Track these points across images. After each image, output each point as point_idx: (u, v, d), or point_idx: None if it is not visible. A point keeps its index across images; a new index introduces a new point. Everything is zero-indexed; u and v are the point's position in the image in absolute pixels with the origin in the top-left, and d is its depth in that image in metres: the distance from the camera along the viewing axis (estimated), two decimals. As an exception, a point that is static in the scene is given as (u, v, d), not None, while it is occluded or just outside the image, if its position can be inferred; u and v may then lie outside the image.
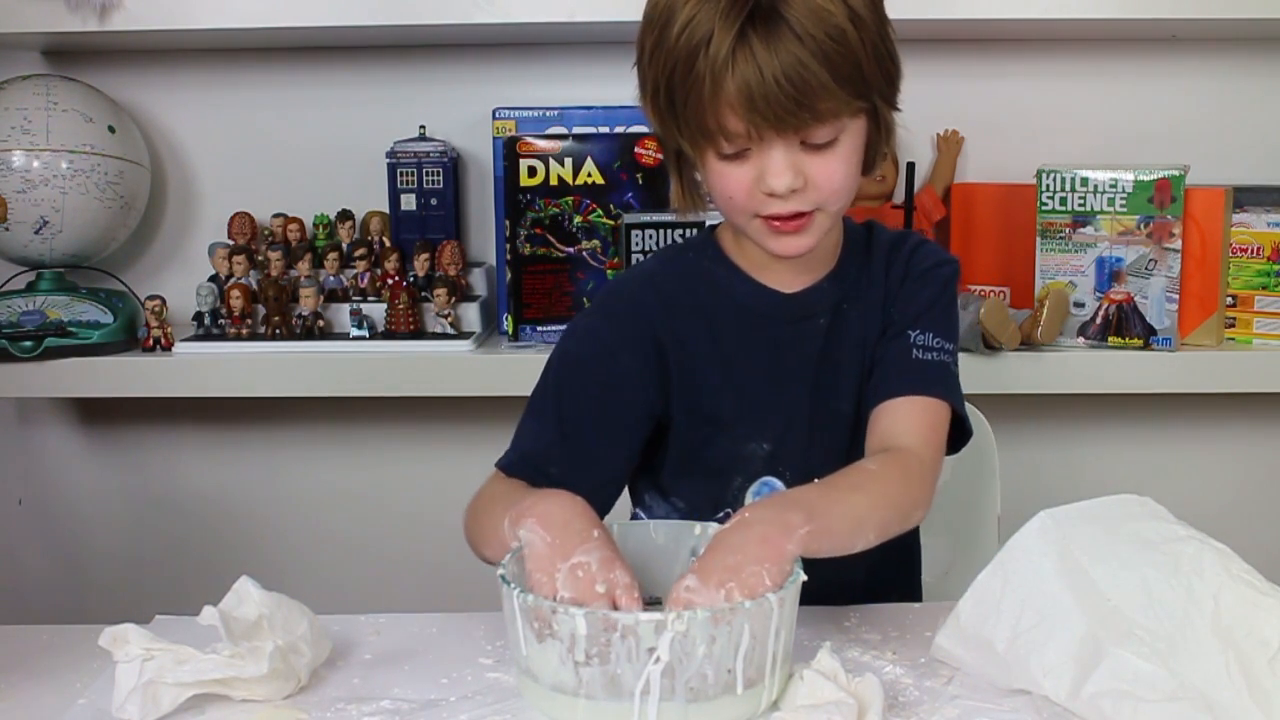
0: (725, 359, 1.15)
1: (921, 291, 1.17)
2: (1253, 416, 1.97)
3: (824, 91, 1.00)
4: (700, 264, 1.18)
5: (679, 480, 1.19)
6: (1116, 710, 0.86)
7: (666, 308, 1.16)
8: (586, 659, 0.85)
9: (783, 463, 1.16)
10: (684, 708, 0.85)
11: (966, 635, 0.96)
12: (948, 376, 1.15)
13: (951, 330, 1.17)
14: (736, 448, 1.16)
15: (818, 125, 1.02)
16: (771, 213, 1.06)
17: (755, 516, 0.94)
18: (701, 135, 1.04)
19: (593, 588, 0.89)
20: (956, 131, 1.92)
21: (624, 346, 1.14)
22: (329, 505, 2.00)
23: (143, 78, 1.92)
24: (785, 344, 1.16)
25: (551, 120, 1.79)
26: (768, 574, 0.89)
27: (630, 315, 1.16)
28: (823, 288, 1.17)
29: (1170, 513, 0.99)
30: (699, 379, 1.15)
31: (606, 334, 1.16)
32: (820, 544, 0.94)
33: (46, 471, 2.03)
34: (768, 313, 1.16)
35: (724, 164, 1.05)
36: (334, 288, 1.81)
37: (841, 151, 1.05)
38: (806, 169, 1.04)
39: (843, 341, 1.17)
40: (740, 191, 1.06)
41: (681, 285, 1.17)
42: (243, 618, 0.95)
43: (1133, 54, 1.90)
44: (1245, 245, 1.75)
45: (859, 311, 1.17)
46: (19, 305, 1.76)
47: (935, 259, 1.19)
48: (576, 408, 1.14)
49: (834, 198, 1.07)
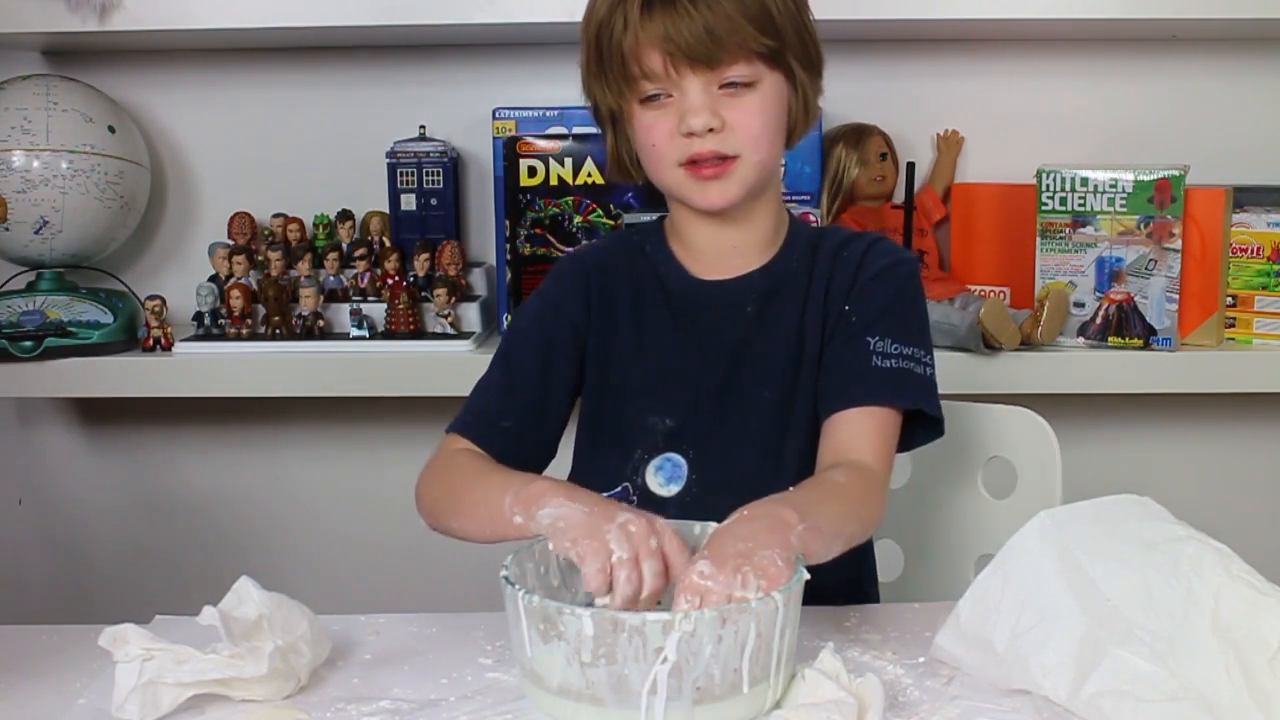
0: (640, 330, 1.20)
1: (878, 293, 1.17)
2: (1253, 416, 1.97)
3: (731, 24, 1.08)
4: (642, 246, 1.24)
5: (586, 450, 1.23)
6: (1116, 710, 0.86)
7: (601, 273, 1.23)
8: (593, 660, 0.85)
9: (686, 440, 1.18)
10: (691, 708, 0.85)
11: (966, 635, 0.96)
12: (907, 382, 1.15)
13: (914, 331, 1.17)
14: (639, 419, 1.19)
15: (729, 61, 1.09)
16: (693, 154, 1.11)
17: (755, 512, 0.95)
18: (625, 83, 1.12)
19: (647, 542, 0.90)
20: (956, 131, 1.92)
21: (566, 300, 1.22)
22: (329, 505, 2.00)
23: (143, 78, 1.92)
24: (704, 327, 1.20)
25: (551, 120, 1.80)
26: (779, 558, 0.89)
27: (573, 275, 1.24)
28: (752, 279, 1.20)
29: (1170, 513, 0.99)
30: (611, 345, 1.21)
31: (553, 291, 1.24)
32: (812, 543, 0.94)
33: (46, 471, 2.03)
34: (691, 298, 1.21)
35: (647, 112, 1.13)
36: (334, 288, 1.81)
37: (758, 100, 1.12)
38: (724, 112, 1.10)
39: (772, 331, 1.19)
40: (662, 137, 1.12)
41: (620, 258, 1.24)
42: (243, 618, 0.95)
43: (1133, 54, 1.90)
44: (1245, 245, 1.75)
45: (795, 304, 1.19)
46: (19, 305, 1.76)
47: (891, 258, 1.20)
48: (523, 360, 1.20)
49: (752, 145, 1.12)
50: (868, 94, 1.90)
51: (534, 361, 1.20)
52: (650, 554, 0.90)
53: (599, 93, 1.16)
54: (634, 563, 0.90)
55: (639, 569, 0.90)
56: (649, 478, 1.18)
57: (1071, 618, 0.91)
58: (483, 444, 1.16)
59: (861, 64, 1.90)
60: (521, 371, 1.20)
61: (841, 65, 1.89)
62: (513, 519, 0.99)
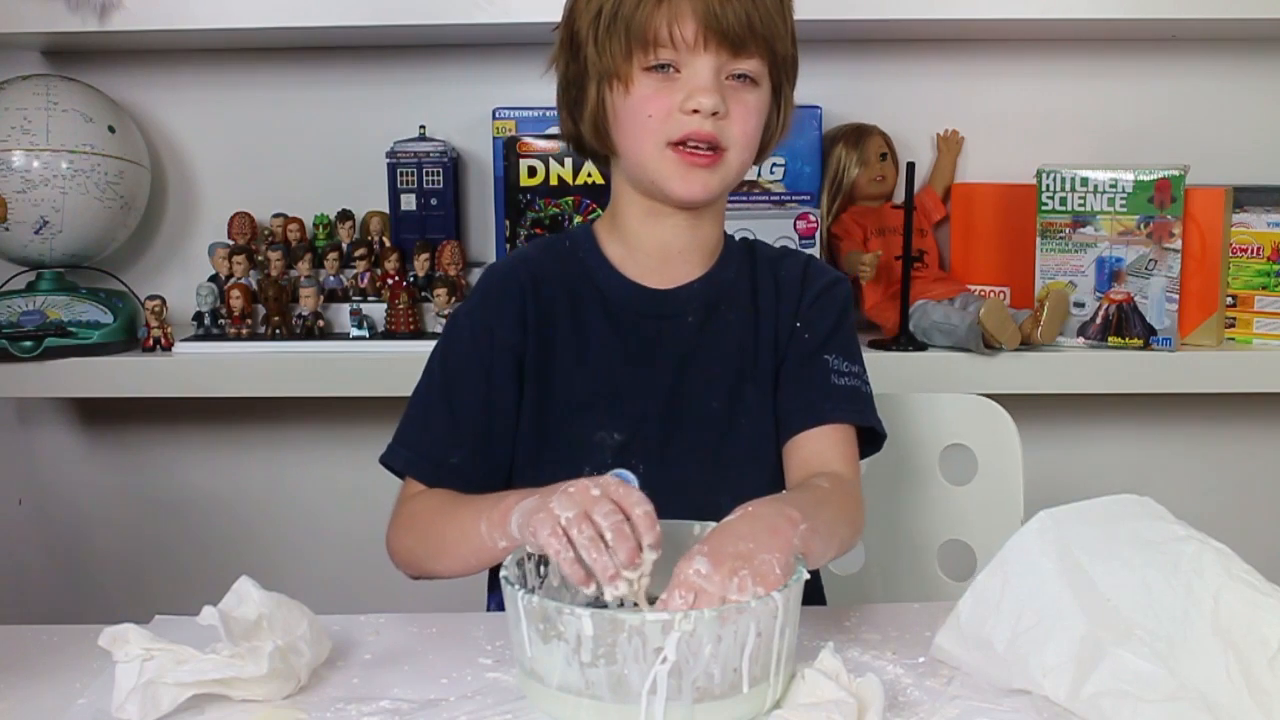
0: (583, 344, 1.17)
1: (825, 312, 1.20)
2: (1253, 416, 1.97)
3: (768, 18, 1.09)
4: (574, 253, 1.21)
5: (530, 469, 1.17)
6: (1116, 710, 0.86)
7: (534, 286, 1.18)
8: (593, 660, 0.85)
9: (635, 455, 1.15)
10: (690, 707, 0.85)
11: (966, 635, 0.96)
12: (861, 398, 1.18)
13: (855, 350, 1.21)
14: (586, 434, 1.16)
15: (752, 52, 1.10)
16: (689, 133, 1.09)
17: (758, 510, 0.94)
18: (639, 45, 1.09)
19: (588, 493, 0.90)
20: (956, 131, 1.92)
21: (499, 322, 1.17)
22: (329, 505, 2.00)
23: (143, 78, 1.92)
24: (648, 338, 1.17)
25: (551, 120, 1.78)
26: (777, 563, 0.89)
27: (502, 293, 1.18)
28: (693, 288, 1.19)
29: (1170, 513, 0.99)
30: (554, 360, 1.17)
31: (482, 314, 1.18)
32: (813, 545, 0.94)
33: (46, 471, 2.03)
34: (632, 305, 1.18)
35: (650, 80, 1.10)
36: (334, 288, 1.81)
37: (757, 100, 1.12)
38: (727, 101, 1.10)
39: (716, 342, 1.18)
40: (661, 110, 1.09)
41: (552, 269, 1.19)
42: (243, 618, 0.95)
43: (1133, 54, 1.90)
44: (1245, 245, 1.75)
45: (739, 316, 1.19)
46: (19, 305, 1.76)
47: (829, 276, 1.23)
48: (464, 390, 1.16)
49: (745, 141, 1.12)
50: (868, 94, 1.90)
51: (475, 393, 1.16)
52: (593, 501, 0.90)
53: (595, 52, 1.11)
54: (582, 517, 0.89)
55: (590, 520, 0.89)
56: None
57: (1071, 618, 0.91)
58: (434, 484, 1.14)
59: (861, 64, 1.90)
60: (464, 407, 1.16)
61: (841, 65, 1.91)
62: (497, 545, 0.99)
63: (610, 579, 0.89)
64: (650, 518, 0.90)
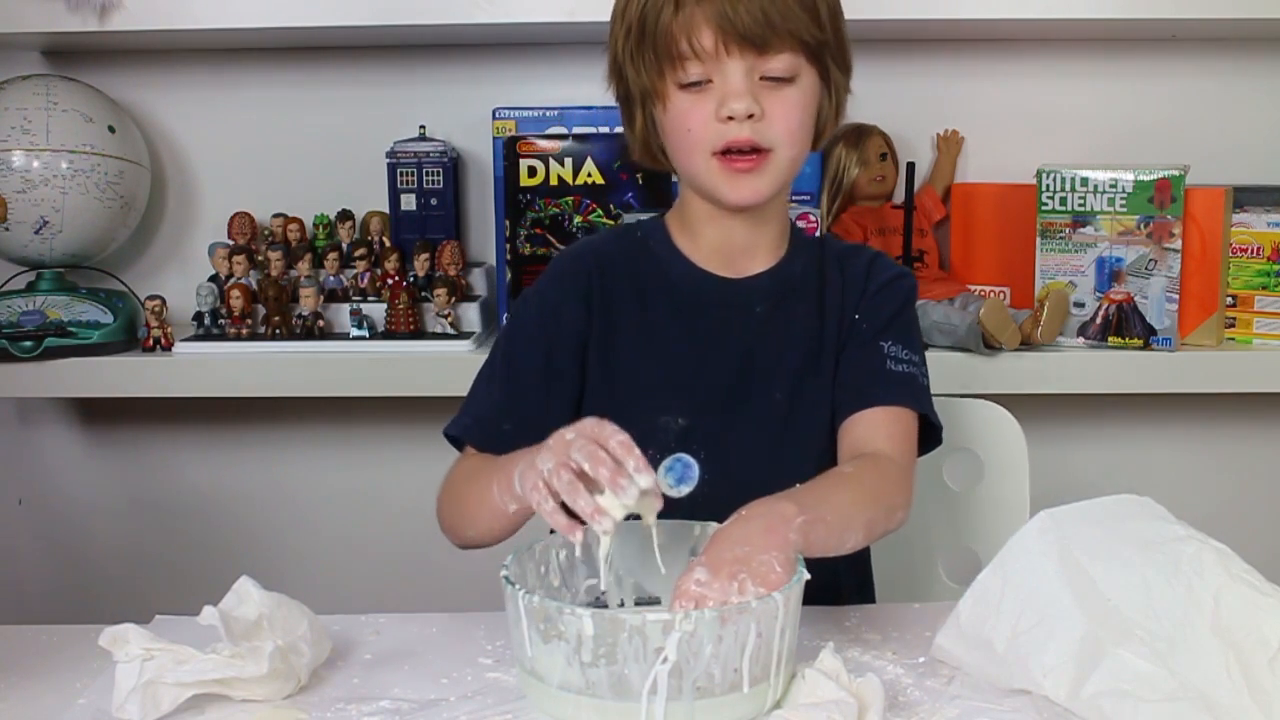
0: (649, 328, 1.19)
1: (887, 303, 1.20)
2: (1253, 416, 1.97)
3: (785, 10, 1.08)
4: (645, 242, 1.23)
5: None
6: (1116, 710, 0.86)
7: (602, 270, 1.20)
8: (594, 660, 0.85)
9: (697, 441, 1.14)
10: (691, 706, 0.85)
11: (966, 635, 0.96)
12: (917, 387, 1.18)
13: (916, 342, 1.21)
14: (650, 418, 1.16)
15: (777, 48, 1.09)
16: (729, 141, 1.09)
17: (752, 512, 0.95)
18: (667, 63, 1.10)
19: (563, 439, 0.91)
20: (956, 131, 1.92)
21: (565, 301, 1.19)
22: (329, 505, 2.00)
23: (143, 78, 1.92)
24: (715, 326, 1.19)
25: (551, 120, 1.79)
26: (777, 562, 0.89)
27: (570, 274, 1.21)
28: (761, 280, 1.20)
29: (1170, 513, 0.99)
30: (619, 343, 1.18)
31: (550, 292, 1.21)
32: (816, 535, 0.95)
33: (46, 471, 2.03)
34: (701, 294, 1.19)
35: (685, 95, 1.11)
36: (334, 288, 1.81)
37: (797, 95, 1.12)
38: (764, 103, 1.09)
39: (783, 334, 1.19)
40: (699, 122, 1.10)
41: (622, 255, 1.22)
42: (243, 618, 0.95)
43: (1133, 54, 1.90)
44: (1245, 245, 1.75)
45: (805, 309, 1.19)
46: (19, 305, 1.76)
47: (895, 271, 1.23)
48: (524, 362, 1.18)
49: (789, 139, 1.11)
50: (868, 94, 1.88)
51: (535, 369, 1.18)
52: (567, 445, 0.90)
53: (633, 72, 1.13)
54: (561, 465, 0.90)
55: (567, 465, 0.90)
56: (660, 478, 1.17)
57: (1071, 618, 0.91)
58: (486, 449, 1.15)
59: (861, 64, 1.87)
60: (523, 380, 1.18)
61: (841, 65, 1.90)
62: (508, 508, 0.99)
63: (592, 515, 0.89)
64: (627, 445, 0.90)
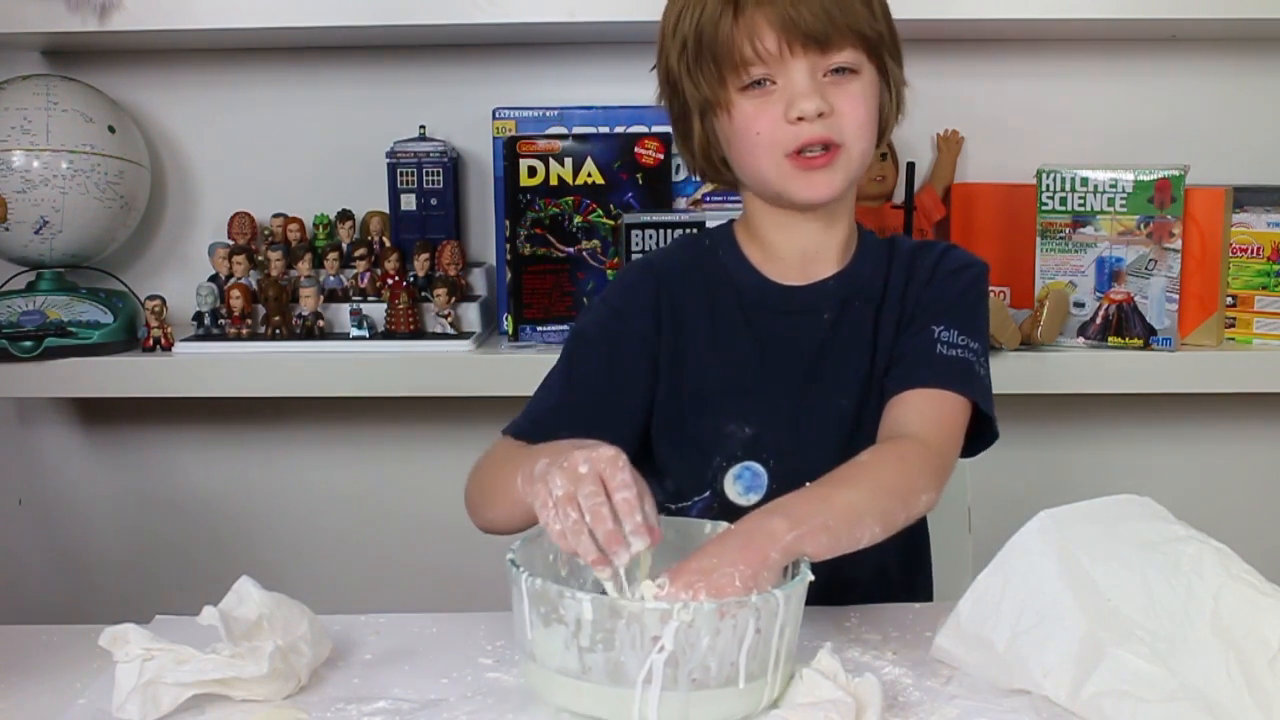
0: (716, 337, 1.18)
1: (948, 288, 1.18)
2: (1253, 416, 1.97)
3: (845, 6, 1.09)
4: (713, 251, 1.23)
5: (667, 457, 1.20)
6: (1116, 710, 0.86)
7: (670, 281, 1.21)
8: (591, 645, 0.85)
9: (765, 449, 1.17)
10: (686, 697, 0.85)
11: (966, 635, 0.96)
12: (970, 373, 1.14)
13: (977, 328, 1.18)
14: (718, 425, 1.17)
15: (839, 44, 1.09)
16: (803, 141, 1.09)
17: (740, 527, 0.95)
18: (729, 69, 1.10)
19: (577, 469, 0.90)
20: (956, 131, 1.92)
21: (632, 313, 1.20)
22: (329, 505, 2.00)
23: (143, 78, 1.92)
24: (782, 334, 1.18)
25: (551, 120, 1.79)
26: (739, 576, 0.89)
27: (638, 286, 1.22)
28: (828, 285, 1.19)
29: (1170, 513, 0.99)
30: (687, 352, 1.18)
31: (618, 302, 1.22)
32: (816, 544, 0.94)
33: (46, 471, 2.03)
34: (767, 302, 1.19)
35: (749, 100, 1.11)
36: (334, 288, 1.81)
37: (861, 88, 1.12)
38: (830, 99, 1.10)
39: (850, 339, 1.18)
40: (767, 125, 1.10)
41: (689, 264, 1.22)
42: (243, 618, 0.95)
43: (1133, 54, 1.90)
44: (1245, 245, 1.75)
45: (873, 311, 1.18)
46: (19, 305, 1.76)
47: (963, 260, 1.21)
48: (585, 371, 1.18)
49: (859, 131, 1.11)
50: (868, 94, 1.90)
51: (598, 375, 1.18)
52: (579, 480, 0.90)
53: (692, 85, 1.13)
54: (568, 498, 0.90)
55: (574, 502, 0.90)
56: (728, 486, 1.18)
57: (1071, 618, 0.91)
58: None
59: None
60: (581, 385, 1.18)
61: (841, 65, 1.90)
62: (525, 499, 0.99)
63: (593, 563, 0.89)
64: (629, 504, 0.89)
